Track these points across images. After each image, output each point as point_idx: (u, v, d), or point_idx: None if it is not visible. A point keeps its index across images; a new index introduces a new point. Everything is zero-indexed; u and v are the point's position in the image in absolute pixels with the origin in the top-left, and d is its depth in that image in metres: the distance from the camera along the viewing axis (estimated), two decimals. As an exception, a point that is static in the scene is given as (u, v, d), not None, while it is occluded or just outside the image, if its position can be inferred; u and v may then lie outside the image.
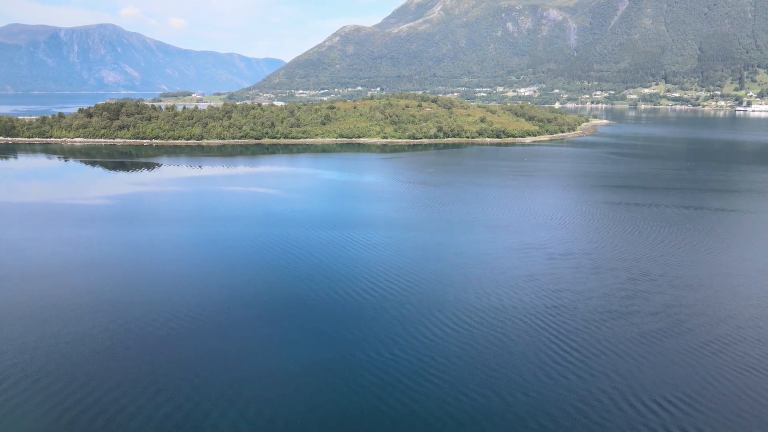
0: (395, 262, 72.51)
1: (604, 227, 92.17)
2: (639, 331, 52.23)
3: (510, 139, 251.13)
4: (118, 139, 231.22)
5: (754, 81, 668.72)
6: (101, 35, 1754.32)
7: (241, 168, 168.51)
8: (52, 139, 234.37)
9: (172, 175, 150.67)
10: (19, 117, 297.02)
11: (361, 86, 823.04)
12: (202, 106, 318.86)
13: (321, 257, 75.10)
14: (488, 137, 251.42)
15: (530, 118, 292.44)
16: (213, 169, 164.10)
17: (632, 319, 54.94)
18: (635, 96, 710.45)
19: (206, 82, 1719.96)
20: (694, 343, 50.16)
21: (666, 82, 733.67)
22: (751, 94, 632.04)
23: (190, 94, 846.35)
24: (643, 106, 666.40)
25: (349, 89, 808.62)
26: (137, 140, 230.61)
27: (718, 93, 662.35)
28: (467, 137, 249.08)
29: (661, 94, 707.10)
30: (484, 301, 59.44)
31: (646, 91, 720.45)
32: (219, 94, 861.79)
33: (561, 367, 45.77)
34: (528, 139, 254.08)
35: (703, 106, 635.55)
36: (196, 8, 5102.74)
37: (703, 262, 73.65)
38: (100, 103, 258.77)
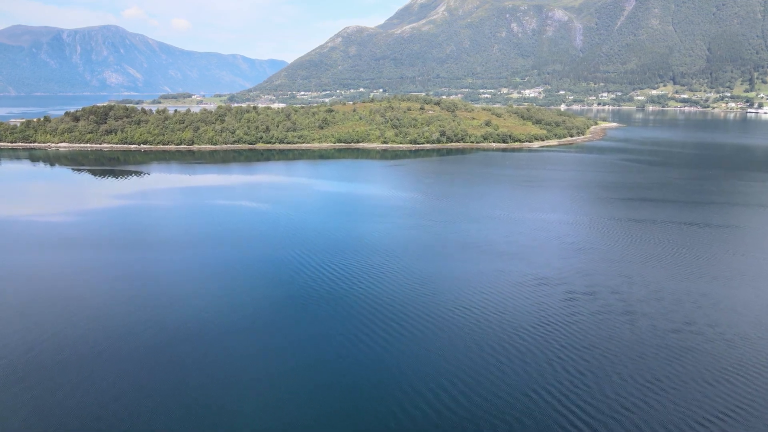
0: (383, 301, 60.77)
1: (632, 254, 79.94)
2: (695, 419, 40.29)
3: (517, 144, 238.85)
4: (105, 144, 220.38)
5: (764, 82, 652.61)
6: (104, 36, 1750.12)
7: (233, 177, 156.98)
8: (36, 144, 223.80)
9: (157, 186, 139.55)
10: (10, 120, 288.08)
11: (364, 87, 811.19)
12: (196, 108, 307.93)
13: (297, 292, 63.57)
14: (494, 142, 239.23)
15: (537, 122, 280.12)
16: (203, 179, 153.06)
17: (685, 398, 42.93)
18: (643, 97, 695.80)
19: (209, 84, 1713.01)
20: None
21: (674, 84, 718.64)
22: (762, 95, 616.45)
23: (190, 96, 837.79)
24: (651, 108, 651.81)
25: (352, 90, 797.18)
26: (125, 145, 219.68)
27: (728, 94, 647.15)
28: (472, 142, 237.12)
29: (670, 95, 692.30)
30: (489, 361, 47.59)
31: (654, 92, 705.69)
32: (219, 96, 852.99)
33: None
34: (536, 144, 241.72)
35: (713, 108, 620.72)
36: (199, 9, 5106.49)
37: (765, 308, 60.91)
38: (87, 106, 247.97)
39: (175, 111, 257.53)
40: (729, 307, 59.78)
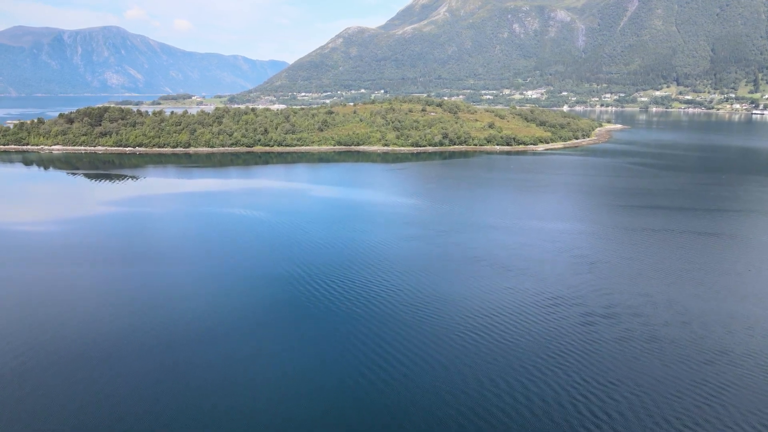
0: (380, 322, 55.33)
1: (649, 268, 74.27)
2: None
3: (521, 147, 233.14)
4: (99, 147, 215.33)
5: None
6: (105, 37, 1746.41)
7: (230, 182, 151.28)
8: (28, 146, 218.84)
9: (153, 191, 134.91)
10: (5, 122, 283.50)
11: (365, 89, 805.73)
12: (195, 110, 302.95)
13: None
14: (497, 144, 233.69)
15: (541, 124, 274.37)
16: (199, 183, 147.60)
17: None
18: (646, 99, 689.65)
19: (210, 85, 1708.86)
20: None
21: (678, 85, 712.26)
22: (767, 96, 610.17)
23: (190, 97, 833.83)
24: (654, 109, 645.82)
25: (352, 92, 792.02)
26: (120, 148, 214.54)
27: (733, 96, 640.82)
28: (475, 144, 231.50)
29: (673, 96, 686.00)
30: (492, 401, 42.12)
31: (658, 93, 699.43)
32: (220, 97, 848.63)
33: None
34: (540, 147, 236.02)
35: (717, 109, 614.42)
36: (200, 9, 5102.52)
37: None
38: (81, 108, 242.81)
39: (172, 113, 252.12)
40: (765, 331, 54.24)
